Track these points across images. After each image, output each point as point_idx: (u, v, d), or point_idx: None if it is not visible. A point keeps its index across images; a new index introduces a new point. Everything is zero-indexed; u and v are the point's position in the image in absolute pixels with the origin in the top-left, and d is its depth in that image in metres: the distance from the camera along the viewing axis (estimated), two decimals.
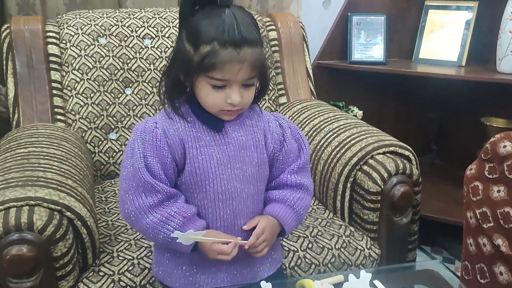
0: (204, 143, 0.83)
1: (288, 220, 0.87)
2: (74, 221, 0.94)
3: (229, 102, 0.79)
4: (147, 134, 0.81)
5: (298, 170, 0.90)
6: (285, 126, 0.90)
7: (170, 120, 0.83)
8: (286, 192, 0.88)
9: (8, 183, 0.93)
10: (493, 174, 0.93)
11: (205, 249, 0.82)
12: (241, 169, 0.85)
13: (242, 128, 0.86)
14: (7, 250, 0.85)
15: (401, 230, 1.15)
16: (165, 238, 0.81)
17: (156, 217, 0.81)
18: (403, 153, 1.18)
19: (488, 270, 0.94)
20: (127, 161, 0.82)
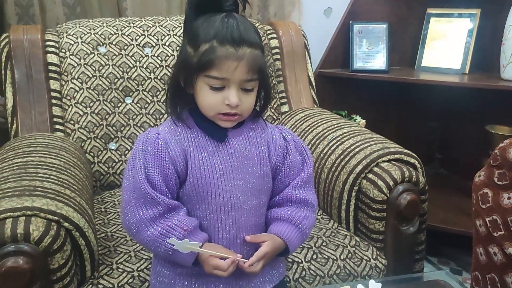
0: (207, 153, 0.82)
1: (293, 240, 0.86)
2: (72, 232, 0.91)
3: (227, 103, 0.78)
4: (149, 145, 0.81)
5: (302, 184, 0.88)
6: (289, 138, 0.89)
7: (173, 131, 0.82)
8: (291, 211, 0.86)
9: (4, 193, 0.91)
10: (503, 180, 0.91)
11: (202, 262, 0.81)
12: (244, 180, 0.83)
13: (246, 139, 0.85)
14: (3, 262, 0.82)
15: (408, 240, 1.12)
16: (166, 251, 0.80)
17: (157, 229, 0.79)
18: (408, 160, 1.15)
19: (500, 280, 0.91)
20: (128, 172, 0.81)
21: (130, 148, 1.38)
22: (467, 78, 1.79)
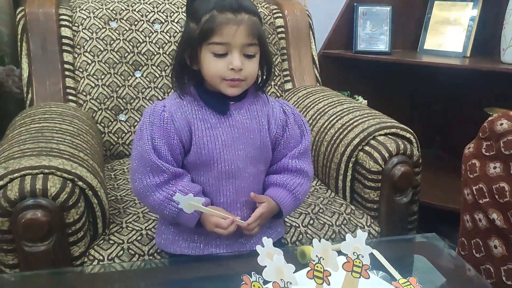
0: (210, 125, 0.87)
1: (287, 204, 0.92)
2: (86, 191, 0.98)
3: (231, 67, 0.83)
4: (155, 117, 0.86)
5: (299, 155, 0.94)
6: (288, 112, 0.95)
7: (178, 104, 0.88)
8: (287, 177, 0.93)
9: (23, 153, 0.98)
10: (490, 151, 0.96)
11: (204, 221, 0.87)
12: (244, 150, 0.89)
13: (247, 112, 0.90)
14: (23, 214, 0.89)
15: (401, 210, 1.18)
16: (171, 214, 0.86)
17: (162, 194, 0.86)
18: (404, 135, 1.21)
19: (483, 244, 0.97)
20: (137, 142, 0.87)
21: (139, 120, 1.44)
22: (468, 61, 1.83)
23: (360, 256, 0.64)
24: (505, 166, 0.92)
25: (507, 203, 0.91)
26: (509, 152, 0.91)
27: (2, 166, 0.93)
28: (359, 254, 0.64)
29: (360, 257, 0.64)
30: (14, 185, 0.90)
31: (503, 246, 0.92)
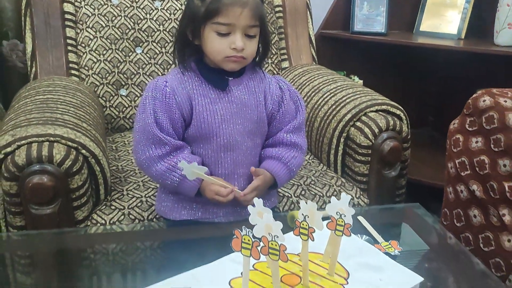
0: (210, 100, 0.92)
1: (281, 176, 0.97)
2: (89, 159, 1.03)
3: (233, 47, 0.87)
4: (158, 92, 0.90)
5: (293, 130, 0.99)
6: (284, 88, 0.99)
7: (179, 79, 0.92)
8: (282, 151, 0.97)
9: (29, 122, 1.03)
10: (473, 126, 1.01)
11: (205, 189, 0.92)
12: (242, 124, 0.94)
13: (245, 88, 0.95)
14: (30, 179, 0.95)
15: (389, 183, 1.23)
16: (173, 183, 0.91)
17: (164, 165, 0.90)
18: (394, 112, 1.26)
19: (464, 214, 1.02)
20: (139, 116, 0.92)
21: (140, 95, 1.49)
22: (463, 43, 1.87)
23: (342, 215, 0.70)
24: (486, 140, 0.97)
25: (487, 175, 0.96)
26: (490, 127, 0.96)
27: (10, 134, 0.98)
28: (341, 214, 0.70)
29: (342, 217, 0.70)
30: (22, 152, 0.95)
31: (482, 216, 0.98)
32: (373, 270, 0.74)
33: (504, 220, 0.94)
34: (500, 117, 0.94)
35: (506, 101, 0.95)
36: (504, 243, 0.94)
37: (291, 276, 0.71)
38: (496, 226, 0.96)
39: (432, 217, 1.00)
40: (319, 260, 0.76)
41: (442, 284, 0.82)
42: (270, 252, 0.61)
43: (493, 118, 0.96)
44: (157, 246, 0.91)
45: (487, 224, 0.98)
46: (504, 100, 0.96)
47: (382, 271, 0.74)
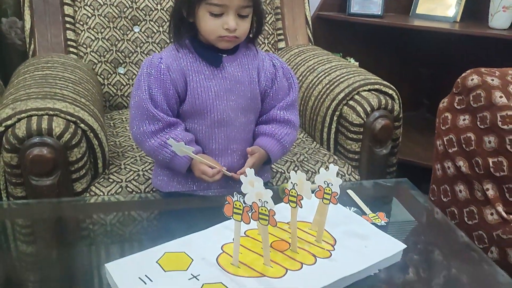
0: (204, 76, 0.94)
1: (275, 152, 1.00)
2: (87, 133, 1.06)
3: (226, 27, 0.88)
4: (153, 69, 0.92)
5: (287, 106, 1.01)
6: (277, 65, 1.01)
7: (174, 56, 0.94)
8: (275, 127, 1.00)
9: (29, 96, 1.05)
10: (461, 105, 1.04)
11: (193, 167, 0.94)
12: (235, 101, 0.96)
13: (239, 65, 0.96)
14: (30, 151, 0.98)
15: (380, 161, 1.27)
16: (165, 159, 0.94)
17: (157, 141, 0.92)
18: (387, 91, 1.28)
19: (450, 189, 1.06)
20: (134, 92, 0.94)
21: (137, 73, 1.50)
22: (458, 26, 1.88)
23: (330, 184, 0.73)
24: (473, 118, 1.00)
25: (472, 151, 0.99)
26: (476, 105, 0.99)
27: (10, 107, 1.01)
28: (329, 183, 0.73)
29: (330, 186, 0.73)
30: (22, 124, 0.98)
31: (467, 191, 1.02)
32: (359, 237, 0.78)
33: (487, 194, 0.97)
34: (486, 96, 0.97)
35: (493, 80, 0.98)
36: (487, 216, 0.98)
37: (281, 242, 0.75)
38: (480, 201, 1.00)
39: (419, 192, 1.03)
40: (308, 228, 0.79)
41: (427, 255, 0.85)
42: (260, 218, 0.64)
43: (480, 96, 0.98)
44: (153, 216, 0.95)
45: (472, 199, 1.01)
46: (491, 79, 0.98)
47: (368, 239, 0.78)
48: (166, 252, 0.71)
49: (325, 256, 0.72)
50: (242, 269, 0.68)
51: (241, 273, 0.67)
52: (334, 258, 0.72)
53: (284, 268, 0.69)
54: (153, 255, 0.70)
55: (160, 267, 0.68)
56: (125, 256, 0.70)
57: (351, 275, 0.69)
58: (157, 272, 0.66)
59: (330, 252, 0.74)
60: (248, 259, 0.70)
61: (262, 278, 0.66)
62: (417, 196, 1.02)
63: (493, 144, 0.96)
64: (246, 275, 0.67)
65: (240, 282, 0.65)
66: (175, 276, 0.66)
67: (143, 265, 0.68)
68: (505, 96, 0.95)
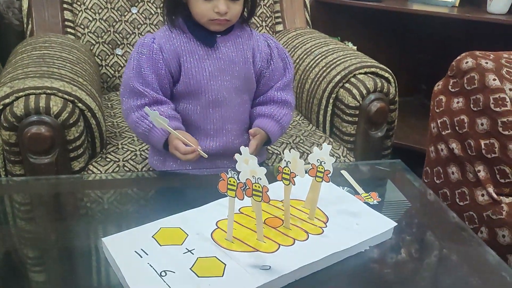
0: (198, 57, 0.94)
1: (275, 133, 1.01)
2: (85, 112, 1.07)
3: (216, 11, 0.89)
4: (144, 48, 0.93)
5: (283, 87, 1.02)
6: (272, 46, 1.02)
7: (167, 36, 0.94)
8: (273, 108, 1.01)
9: (27, 75, 1.06)
10: (455, 88, 1.05)
11: (169, 142, 0.92)
12: (230, 81, 0.96)
13: (233, 45, 0.97)
14: (28, 129, 0.99)
15: (375, 143, 1.28)
16: (144, 132, 0.93)
17: (140, 113, 0.92)
18: (383, 74, 1.29)
19: (443, 171, 1.07)
20: (125, 71, 0.95)
21: None
22: (457, 10, 1.88)
23: (323, 163, 0.74)
24: (467, 100, 1.01)
25: (465, 133, 1.00)
26: (470, 88, 1.00)
27: (8, 86, 1.01)
28: (322, 161, 0.74)
29: (323, 164, 0.74)
30: (20, 103, 0.99)
31: (459, 172, 1.03)
32: (351, 215, 0.79)
33: (479, 176, 0.99)
34: (480, 78, 0.98)
35: (487, 63, 0.99)
36: (478, 197, 1.00)
37: (274, 219, 0.77)
38: (472, 182, 1.01)
39: (413, 174, 1.04)
40: (301, 206, 0.81)
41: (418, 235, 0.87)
42: (254, 194, 0.66)
43: (474, 79, 0.99)
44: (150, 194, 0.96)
45: (464, 180, 1.03)
46: (485, 61, 0.99)
47: (359, 217, 0.79)
48: (162, 228, 0.72)
49: (317, 233, 0.74)
50: (235, 244, 0.69)
51: (235, 248, 0.68)
52: (326, 234, 0.74)
53: (277, 244, 0.70)
54: (149, 230, 0.71)
55: (155, 242, 0.69)
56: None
57: (342, 251, 0.70)
58: (152, 246, 0.68)
59: (322, 229, 0.75)
60: (242, 234, 0.71)
61: (255, 252, 0.68)
62: (410, 178, 1.03)
63: (486, 126, 0.97)
64: (240, 249, 0.68)
65: (234, 256, 0.67)
66: (170, 250, 0.67)
67: (139, 239, 0.69)
68: (499, 79, 0.96)
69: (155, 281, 0.61)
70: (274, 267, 0.65)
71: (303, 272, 0.67)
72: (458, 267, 0.76)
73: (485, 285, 0.71)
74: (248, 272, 0.64)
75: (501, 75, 0.97)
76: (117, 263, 0.64)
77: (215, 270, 0.64)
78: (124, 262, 0.64)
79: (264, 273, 0.64)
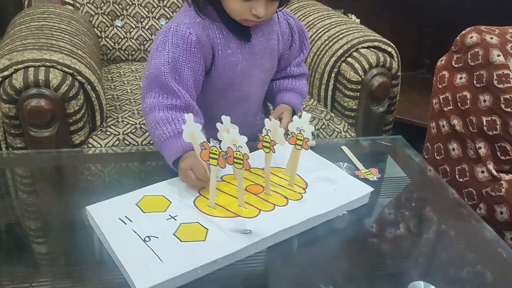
0: (231, 51, 0.84)
1: (298, 105, 0.99)
2: (85, 85, 1.06)
3: (254, 13, 0.79)
4: (180, 39, 0.80)
5: (299, 63, 1.01)
6: (293, 25, 0.95)
7: (201, 25, 0.82)
8: (294, 82, 0.98)
9: (25, 46, 1.04)
10: (458, 63, 1.04)
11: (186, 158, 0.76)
12: (257, 76, 0.91)
13: (263, 35, 0.88)
14: (28, 102, 0.98)
15: (377, 118, 1.28)
16: (162, 135, 0.79)
17: (166, 115, 0.79)
18: (386, 48, 1.27)
19: (444, 147, 1.07)
20: (152, 62, 0.80)
21: (135, 26, 1.49)
22: None
23: (302, 131, 0.74)
24: (470, 76, 1.00)
25: (467, 109, 1.00)
26: (474, 63, 0.99)
27: (7, 58, 1.00)
28: (301, 129, 0.74)
29: (302, 132, 0.74)
30: (19, 75, 0.98)
31: (460, 149, 1.03)
32: (329, 182, 0.81)
33: (479, 152, 0.99)
34: (484, 54, 0.97)
35: (492, 38, 0.97)
36: (477, 174, 1.00)
37: (255, 186, 0.78)
38: (472, 159, 1.01)
39: (413, 150, 1.04)
40: (281, 173, 0.82)
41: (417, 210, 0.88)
42: (235, 162, 0.66)
43: (478, 54, 0.98)
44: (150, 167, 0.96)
45: (464, 157, 1.03)
46: (490, 37, 0.98)
47: (337, 183, 0.80)
48: (145, 196, 0.73)
49: (297, 198, 0.75)
50: (217, 210, 0.71)
51: (217, 214, 0.70)
52: (305, 200, 0.75)
53: (257, 209, 0.72)
54: (132, 198, 0.72)
55: (139, 209, 0.70)
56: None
57: (320, 215, 0.72)
58: (136, 213, 0.69)
59: (301, 194, 0.77)
60: (223, 201, 0.73)
61: (237, 218, 0.70)
62: (411, 154, 1.03)
63: (488, 103, 0.96)
64: (222, 215, 0.70)
65: (216, 221, 0.68)
66: (154, 216, 0.69)
67: (122, 207, 0.70)
68: (503, 55, 0.95)
69: (139, 246, 0.63)
70: (254, 231, 0.67)
71: (282, 236, 0.69)
72: (456, 243, 0.77)
73: (481, 261, 0.72)
74: (230, 236, 0.66)
75: (506, 50, 0.95)
76: (101, 230, 0.66)
77: (198, 235, 0.66)
78: (109, 229, 0.66)
79: (245, 237, 0.66)
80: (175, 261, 0.61)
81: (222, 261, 0.63)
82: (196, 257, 0.61)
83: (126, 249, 0.62)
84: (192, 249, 0.63)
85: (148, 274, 0.58)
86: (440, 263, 0.72)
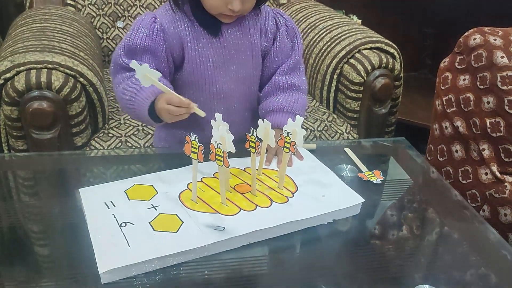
0: (202, 44, 0.85)
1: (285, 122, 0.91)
2: (87, 87, 1.06)
3: (230, 7, 0.79)
4: (143, 26, 0.83)
5: (288, 70, 0.92)
6: (281, 24, 0.92)
7: (170, 17, 0.84)
8: (281, 99, 0.90)
9: (27, 48, 1.04)
10: (462, 65, 1.03)
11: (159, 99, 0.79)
12: (236, 71, 0.88)
13: (239, 30, 0.87)
14: (30, 104, 0.98)
15: (379, 120, 1.27)
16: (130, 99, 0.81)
17: (127, 82, 0.82)
18: (388, 50, 1.27)
19: (447, 149, 1.07)
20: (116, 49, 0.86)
21: None
22: None
23: (289, 134, 0.74)
24: (473, 78, 1.00)
25: (471, 111, 1.00)
26: (477, 65, 0.98)
27: (9, 60, 1.00)
28: (288, 132, 0.74)
29: (289, 135, 0.74)
30: (21, 78, 0.98)
31: (463, 151, 1.03)
32: (319, 186, 0.79)
33: (483, 154, 0.99)
34: (488, 55, 0.96)
35: (495, 40, 0.97)
36: (481, 176, 1.00)
37: (244, 185, 0.78)
38: (475, 160, 1.01)
39: (416, 152, 1.04)
40: (274, 175, 0.81)
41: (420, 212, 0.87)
42: (217, 158, 0.67)
43: (481, 56, 0.98)
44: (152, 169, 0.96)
45: (467, 159, 1.03)
46: (493, 38, 0.97)
47: (327, 188, 0.79)
48: (136, 184, 0.75)
49: (282, 201, 0.75)
50: (199, 205, 0.71)
51: (197, 208, 0.71)
52: (290, 203, 0.74)
53: (238, 208, 0.72)
54: (123, 185, 0.74)
55: (125, 195, 0.72)
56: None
57: (301, 220, 0.70)
58: (121, 199, 0.71)
59: (288, 198, 0.76)
60: (207, 196, 0.73)
61: (215, 214, 0.70)
62: (414, 155, 1.03)
63: (492, 105, 0.96)
64: (202, 210, 0.70)
65: (194, 215, 0.69)
66: (137, 204, 0.70)
67: (111, 192, 0.72)
68: (507, 57, 0.94)
69: (113, 231, 0.64)
70: (228, 228, 0.67)
71: (257, 237, 0.68)
72: (459, 245, 0.76)
73: (485, 263, 0.71)
74: (202, 230, 0.66)
75: (509, 52, 0.95)
76: (84, 212, 0.68)
77: (172, 226, 0.66)
78: (91, 212, 0.68)
79: (216, 233, 0.66)
80: (141, 248, 0.62)
81: (190, 255, 0.63)
82: (162, 247, 0.62)
83: (101, 232, 0.64)
84: (161, 239, 0.64)
85: (112, 258, 0.60)
86: (444, 265, 0.72)
